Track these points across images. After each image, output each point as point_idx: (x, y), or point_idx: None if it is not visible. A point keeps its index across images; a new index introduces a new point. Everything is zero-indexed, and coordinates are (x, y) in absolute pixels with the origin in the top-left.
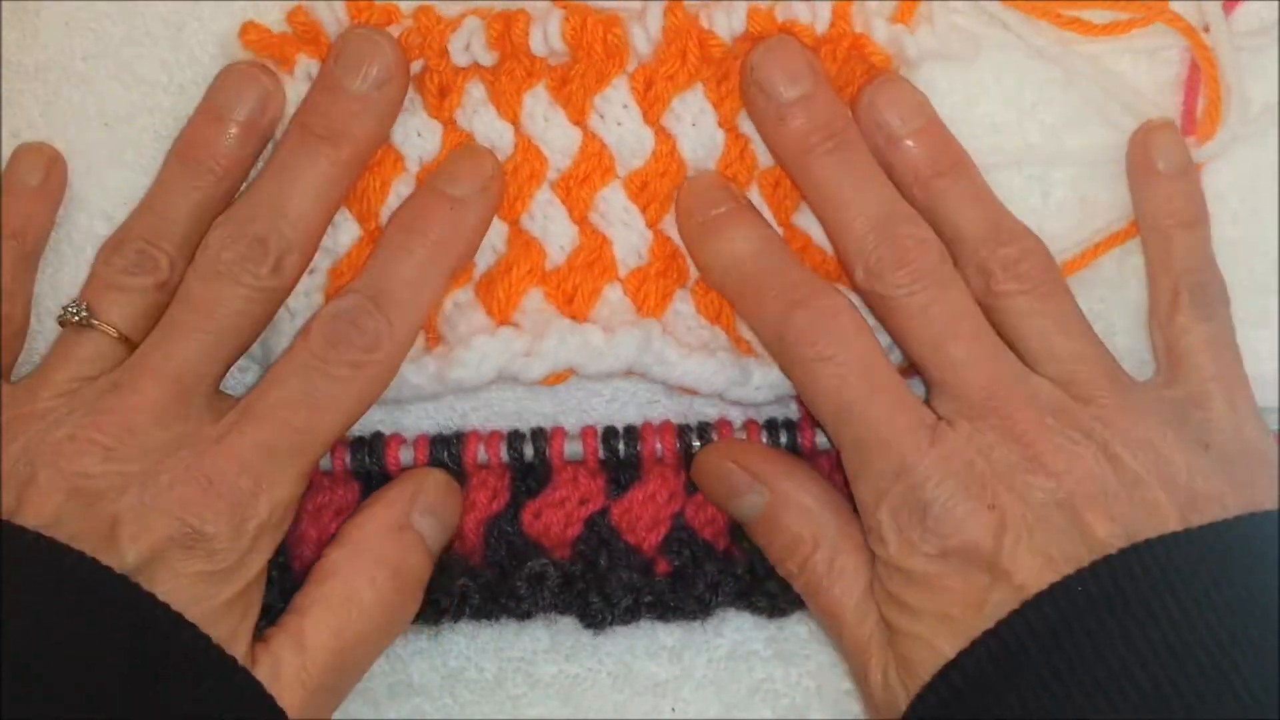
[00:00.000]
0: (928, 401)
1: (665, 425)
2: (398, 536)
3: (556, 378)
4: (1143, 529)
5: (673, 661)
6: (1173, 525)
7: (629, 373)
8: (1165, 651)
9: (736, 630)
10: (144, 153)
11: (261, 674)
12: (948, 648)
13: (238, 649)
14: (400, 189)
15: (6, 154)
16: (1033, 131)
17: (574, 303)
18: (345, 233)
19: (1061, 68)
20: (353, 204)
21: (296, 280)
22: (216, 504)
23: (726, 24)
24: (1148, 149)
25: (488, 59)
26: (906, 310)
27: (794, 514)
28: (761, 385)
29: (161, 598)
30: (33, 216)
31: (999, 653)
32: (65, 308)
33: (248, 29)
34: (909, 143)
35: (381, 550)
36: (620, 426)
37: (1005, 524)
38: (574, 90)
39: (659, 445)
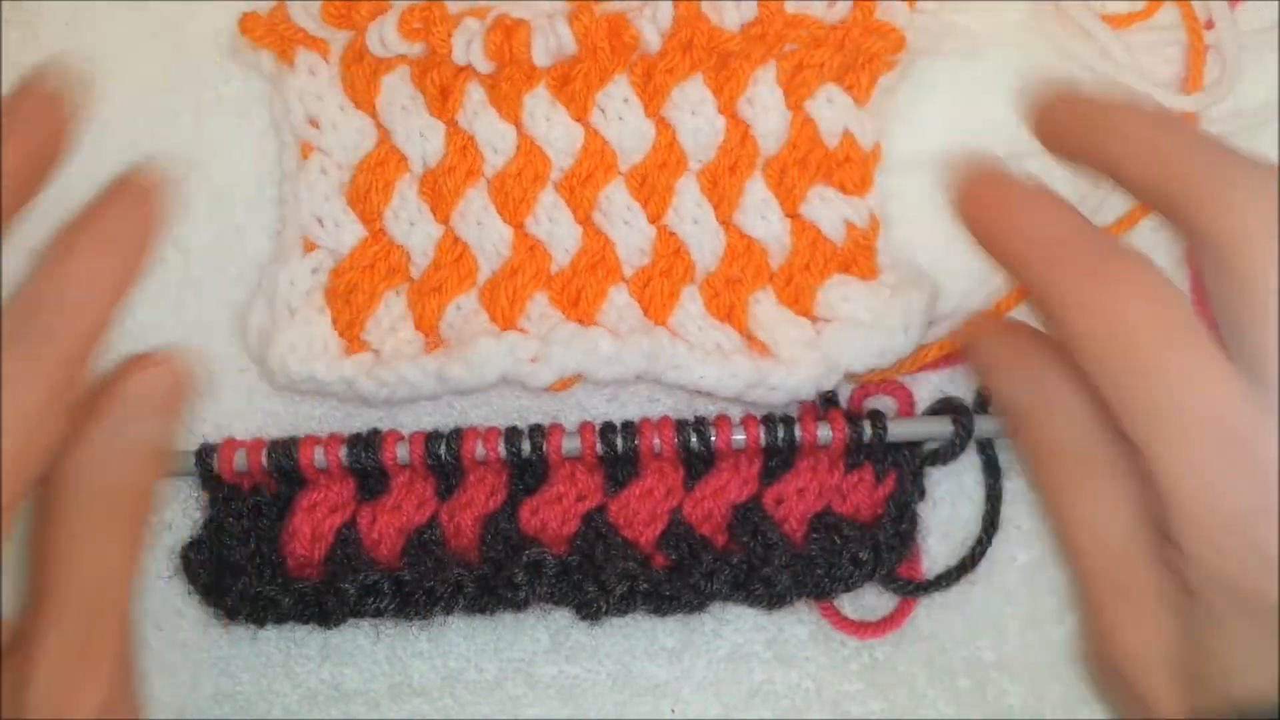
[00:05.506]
0: None
1: (663, 420)
2: (117, 465)
3: (563, 384)
4: None
5: (672, 662)
6: None
7: (639, 379)
8: None
9: (736, 632)
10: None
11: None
12: (1262, 681)
13: None
14: (404, 190)
15: None
16: None
17: (579, 306)
18: (349, 233)
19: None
20: (356, 205)
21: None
22: None
23: (736, 15)
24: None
25: (485, 67)
26: None
27: (1058, 417)
28: (778, 386)
29: None
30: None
31: None
32: None
33: (247, 20)
34: None
35: (110, 499)
36: (618, 422)
37: None
38: (577, 88)
39: (657, 440)
